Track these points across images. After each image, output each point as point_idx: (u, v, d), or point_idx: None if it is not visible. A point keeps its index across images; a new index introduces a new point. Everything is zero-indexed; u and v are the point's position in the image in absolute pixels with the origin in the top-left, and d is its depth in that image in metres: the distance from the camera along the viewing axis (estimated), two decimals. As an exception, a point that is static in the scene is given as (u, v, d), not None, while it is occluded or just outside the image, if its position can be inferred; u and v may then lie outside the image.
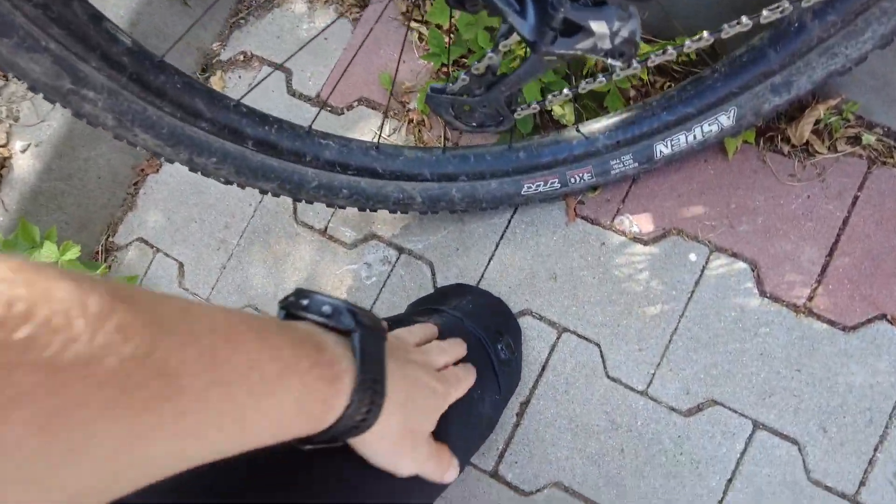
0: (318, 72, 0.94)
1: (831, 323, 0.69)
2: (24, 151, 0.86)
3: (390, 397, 0.39)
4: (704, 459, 0.69)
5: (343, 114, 0.91)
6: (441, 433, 0.49)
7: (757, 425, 0.69)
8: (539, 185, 0.73)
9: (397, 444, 0.41)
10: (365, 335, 0.38)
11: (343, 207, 0.73)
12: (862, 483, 0.66)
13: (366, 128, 0.89)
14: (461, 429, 0.56)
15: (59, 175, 0.88)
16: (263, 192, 0.68)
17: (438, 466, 0.46)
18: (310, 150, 0.66)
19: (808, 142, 0.73)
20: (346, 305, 0.39)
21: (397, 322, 0.58)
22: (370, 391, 0.37)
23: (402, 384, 0.41)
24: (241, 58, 0.98)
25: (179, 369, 0.24)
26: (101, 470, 0.22)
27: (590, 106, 0.77)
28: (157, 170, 0.97)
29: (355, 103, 0.91)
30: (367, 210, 0.74)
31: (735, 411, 0.70)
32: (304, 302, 0.39)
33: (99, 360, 0.20)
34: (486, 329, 0.67)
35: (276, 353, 0.31)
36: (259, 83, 0.77)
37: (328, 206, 0.72)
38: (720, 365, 0.71)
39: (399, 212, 0.75)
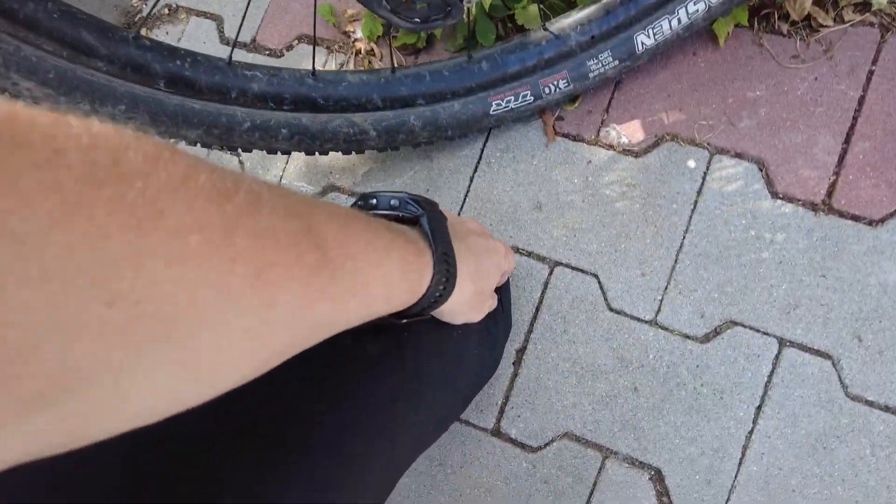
0: (252, 14, 0.83)
1: (855, 218, 0.61)
2: None
3: (460, 267, 0.43)
4: (728, 388, 0.62)
5: (283, 55, 0.81)
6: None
7: (783, 343, 0.61)
8: (509, 101, 0.64)
9: (471, 303, 0.48)
10: (431, 217, 0.42)
11: (286, 152, 0.64)
12: (907, 391, 0.58)
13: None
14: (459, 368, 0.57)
15: None
16: (189, 142, 0.58)
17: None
18: (233, 85, 0.57)
19: (809, 15, 0.64)
20: (408, 195, 0.44)
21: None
22: (444, 264, 0.41)
23: (466, 254, 0.45)
24: (167, 11, 0.88)
25: (328, 241, 0.27)
26: (282, 334, 0.25)
27: (557, 5, 0.67)
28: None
29: (295, 42, 0.81)
30: (316, 152, 0.64)
31: (757, 330, 0.62)
32: (373, 201, 0.45)
33: (278, 231, 0.23)
34: None
35: (380, 232, 0.34)
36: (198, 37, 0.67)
37: (268, 151, 0.63)
38: (735, 281, 0.63)
39: (353, 151, 0.66)
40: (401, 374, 0.45)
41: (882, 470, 0.58)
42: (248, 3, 0.62)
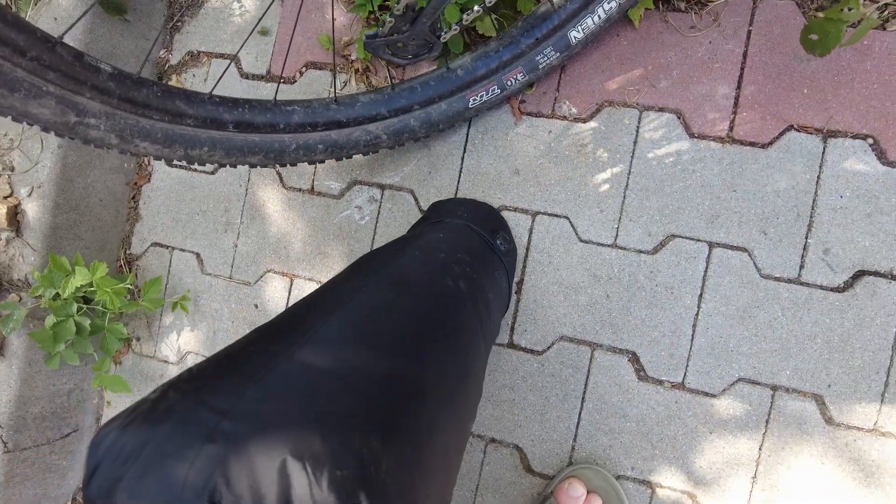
0: (263, 50, 1.02)
1: (752, 144, 0.82)
2: (29, 196, 0.95)
3: None
4: (676, 285, 0.84)
5: (296, 81, 1.00)
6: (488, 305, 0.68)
7: (711, 245, 0.83)
8: (482, 95, 0.84)
9: None
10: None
11: (322, 161, 0.84)
12: (801, 266, 0.80)
13: (319, 88, 0.98)
14: (497, 302, 0.74)
15: (67, 207, 0.98)
16: (252, 165, 0.79)
17: None
18: (281, 119, 0.77)
19: (700, -6, 0.83)
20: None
21: (412, 238, 0.72)
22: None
23: None
24: (189, 58, 1.06)
25: None
26: None
27: (507, 14, 0.86)
28: (149, 179, 1.07)
29: (304, 69, 1.00)
30: (344, 158, 0.85)
31: (691, 238, 0.83)
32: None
33: None
34: (485, 229, 0.80)
35: None
36: (219, 78, 0.86)
37: (309, 163, 0.83)
38: (670, 205, 0.84)
39: (370, 152, 0.86)
40: (479, 314, 0.66)
41: (790, 325, 0.80)
42: (249, 35, 0.81)
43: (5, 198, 0.96)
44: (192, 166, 1.05)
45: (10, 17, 0.53)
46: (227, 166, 0.77)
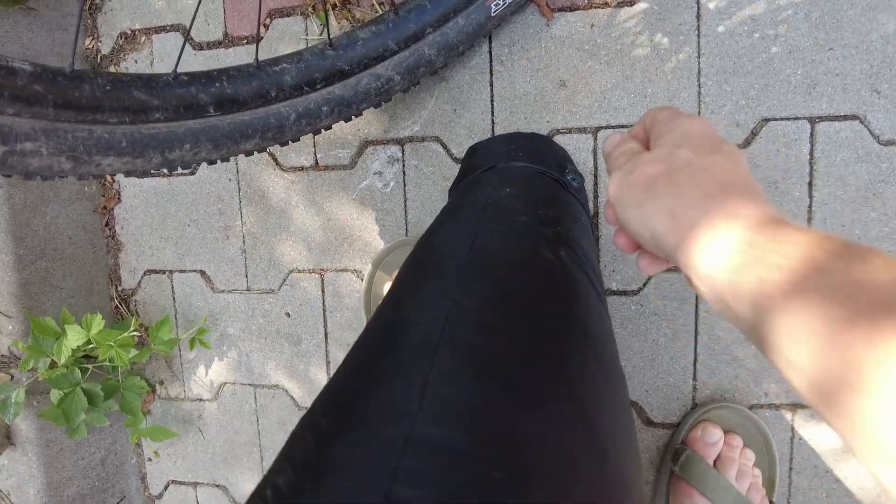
0: (212, 10, 0.81)
1: (845, -16, 0.65)
2: (-19, 251, 0.77)
3: None
4: (780, 177, 0.69)
5: (263, 37, 0.80)
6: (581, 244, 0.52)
7: (814, 121, 0.68)
8: (503, -2, 0.66)
9: None
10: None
11: (329, 127, 0.66)
12: (928, 118, 0.66)
13: (293, 38, 0.78)
14: (594, 253, 0.58)
15: (32, 257, 0.79)
16: (248, 153, 0.61)
17: None
18: (270, 84, 0.58)
19: None
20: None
21: (470, 204, 0.55)
22: None
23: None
24: (123, 41, 0.85)
25: None
26: None
27: None
28: (118, 199, 0.88)
29: (268, 20, 0.80)
30: (353, 116, 0.67)
31: (788, 118, 0.68)
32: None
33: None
34: (550, 166, 0.64)
35: None
36: (179, 56, 0.67)
37: (315, 133, 0.65)
38: (755, 84, 0.68)
39: (383, 102, 0.68)
40: (592, 282, 0.49)
41: (924, 191, 0.66)
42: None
43: (-47, 263, 0.77)
44: (172, 173, 0.86)
45: None
46: (218, 161, 0.60)
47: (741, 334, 0.72)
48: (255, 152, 0.61)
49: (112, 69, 0.85)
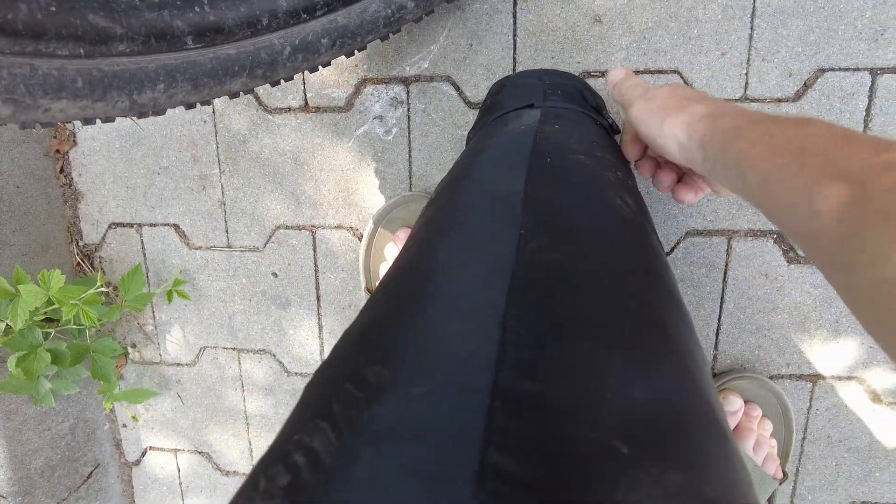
0: None
1: (930, -89, 0.56)
2: None
3: None
4: (829, 134, 0.62)
5: (240, -50, 0.66)
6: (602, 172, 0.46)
7: (875, 72, 0.60)
8: (541, -86, 0.54)
9: None
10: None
11: (328, 63, 0.55)
12: None
13: (279, -46, 0.65)
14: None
15: (-30, 205, 0.67)
16: (234, 94, 0.50)
17: None
18: (261, 10, 0.47)
19: None
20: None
21: (518, 133, 0.47)
22: None
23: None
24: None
25: None
26: None
27: None
28: (74, 142, 0.75)
29: (246, -72, 0.65)
30: (357, 50, 0.56)
31: (847, 69, 0.60)
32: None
33: None
34: (592, 111, 0.55)
35: None
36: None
37: (311, 71, 0.54)
38: (816, 27, 0.60)
39: (392, 34, 0.57)
40: (656, 234, 0.44)
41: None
42: None
43: None
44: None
45: None
46: (197, 105, 0.49)
47: (767, 303, 0.67)
48: (240, 93, 0.50)
49: (54, -20, 0.70)
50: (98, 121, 0.44)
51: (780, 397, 0.68)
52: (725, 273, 0.67)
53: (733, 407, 0.67)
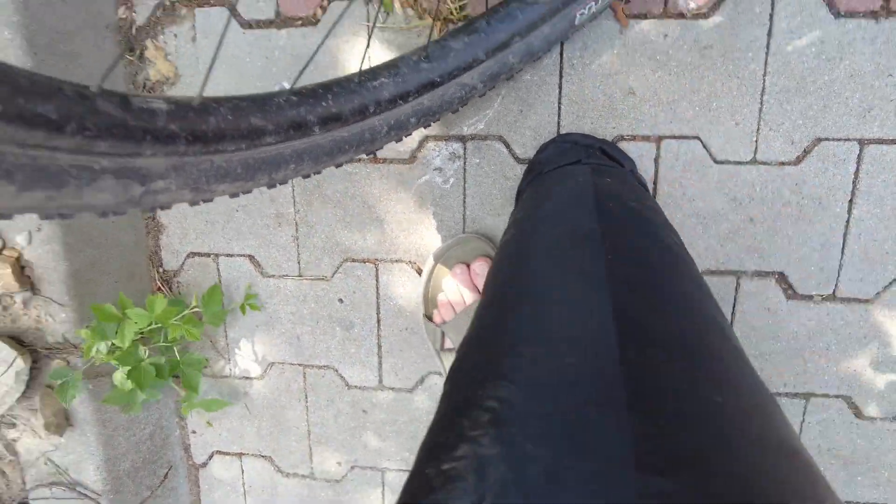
0: (262, -16, 0.75)
1: (911, 13, 0.67)
2: (30, 243, 0.73)
3: None
4: (824, 194, 0.73)
5: (319, 21, 0.75)
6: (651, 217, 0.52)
7: (863, 143, 0.71)
8: (590, 6, 0.64)
9: None
10: None
11: (410, 135, 0.65)
12: (964, 146, 0.70)
13: (353, 24, 0.74)
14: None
15: (81, 245, 0.76)
16: (339, 165, 0.59)
17: None
18: (369, 100, 0.56)
19: None
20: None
21: (579, 195, 0.55)
22: None
23: None
24: (161, 13, 0.78)
25: None
26: None
27: None
28: (159, 179, 0.84)
29: (324, 2, 0.75)
30: (432, 123, 0.66)
31: (840, 139, 0.71)
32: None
33: None
34: (618, 163, 0.66)
35: None
36: (221, 38, 0.63)
37: (398, 141, 0.64)
38: (815, 104, 0.70)
39: (461, 107, 0.67)
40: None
41: (950, 212, 0.72)
42: None
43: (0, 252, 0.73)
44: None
45: (25, 80, 0.32)
46: (312, 175, 0.58)
47: (768, 333, 0.78)
48: (345, 164, 0.60)
49: (149, 44, 0.79)
50: (239, 195, 0.53)
51: (777, 412, 0.79)
52: (734, 307, 0.78)
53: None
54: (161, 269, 0.87)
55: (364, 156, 0.61)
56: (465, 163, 0.77)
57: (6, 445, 0.83)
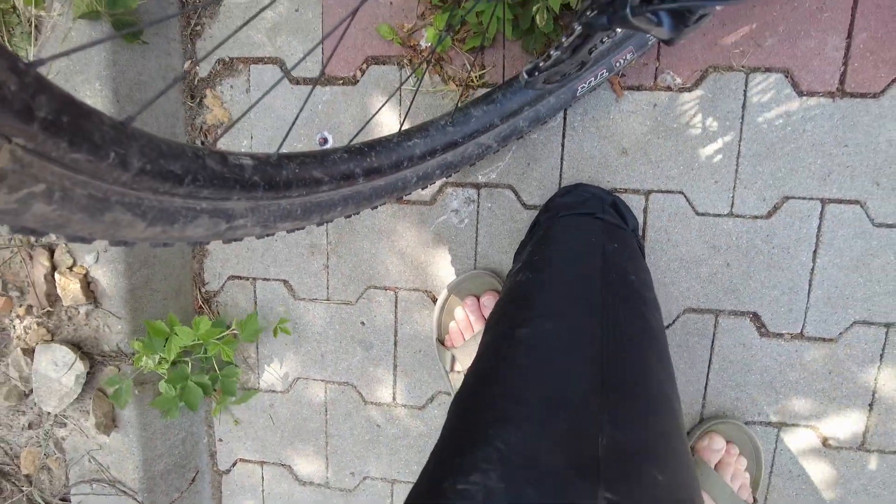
0: (309, 48, 0.87)
1: (863, 96, 0.78)
2: (96, 262, 0.83)
3: None
4: (792, 244, 0.83)
5: (358, 81, 0.87)
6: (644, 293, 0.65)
7: (824, 202, 0.82)
8: (590, 82, 0.76)
9: None
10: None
11: (433, 184, 0.76)
12: (912, 208, 0.81)
13: (387, 85, 0.86)
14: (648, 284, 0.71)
15: (138, 265, 0.86)
16: (373, 208, 0.70)
17: None
18: (404, 156, 0.67)
19: (808, -64, 0.75)
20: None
21: (585, 254, 0.67)
22: None
23: None
24: (221, 67, 0.90)
25: None
26: None
27: None
28: (208, 210, 0.94)
29: (364, 65, 0.87)
30: (452, 175, 0.76)
31: (804, 198, 0.82)
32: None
33: None
34: (634, 228, 0.77)
35: None
36: (304, 101, 0.74)
37: (423, 189, 0.75)
38: (782, 167, 0.81)
39: (477, 162, 0.78)
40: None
41: (901, 265, 0.82)
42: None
43: (70, 268, 0.83)
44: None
45: (165, 146, 0.42)
46: (350, 216, 0.69)
47: (743, 366, 0.87)
48: (377, 207, 0.71)
49: (208, 93, 0.91)
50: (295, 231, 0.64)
51: (752, 439, 0.88)
52: (713, 342, 0.87)
53: (717, 446, 0.86)
54: (203, 289, 0.98)
55: (393, 201, 0.72)
56: (478, 206, 0.88)
57: (55, 443, 0.92)
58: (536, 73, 0.60)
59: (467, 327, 0.85)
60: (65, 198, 0.37)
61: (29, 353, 0.86)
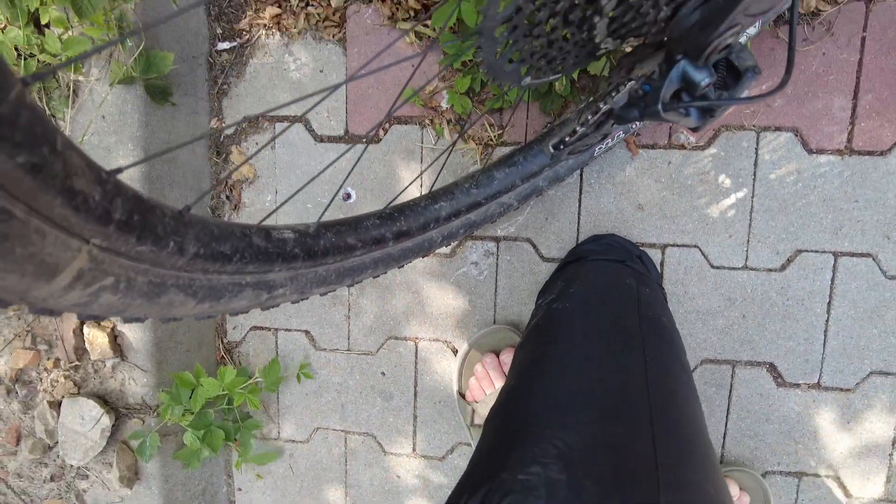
0: (334, 107, 0.91)
1: (870, 153, 0.81)
2: (126, 314, 0.85)
3: None
4: (806, 296, 0.85)
5: (381, 140, 0.90)
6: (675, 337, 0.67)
7: (837, 255, 0.83)
8: (607, 143, 0.78)
9: None
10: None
11: (457, 241, 0.77)
12: (922, 261, 0.82)
13: (409, 144, 0.89)
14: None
15: (161, 314, 0.88)
16: (401, 267, 0.72)
17: None
18: (431, 218, 0.69)
19: (816, 8, 0.78)
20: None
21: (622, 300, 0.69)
22: None
23: None
24: (246, 124, 0.93)
25: None
26: None
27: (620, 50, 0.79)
28: (232, 262, 0.96)
29: (387, 125, 0.90)
30: (475, 232, 0.78)
31: (817, 251, 0.84)
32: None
33: None
34: (658, 280, 0.79)
35: None
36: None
37: (447, 247, 0.77)
38: (795, 222, 0.83)
39: (498, 219, 0.80)
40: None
41: (915, 317, 0.83)
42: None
43: (98, 322, 0.85)
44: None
45: (216, 229, 0.44)
46: (379, 276, 0.70)
47: (761, 416, 0.88)
48: (404, 266, 0.72)
49: (234, 150, 0.93)
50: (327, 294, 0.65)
51: (766, 492, 0.88)
52: (730, 392, 0.88)
53: (731, 492, 0.86)
54: (225, 340, 0.99)
55: (418, 260, 0.73)
56: (497, 259, 0.90)
57: (76, 495, 0.92)
58: (562, 147, 0.63)
59: (488, 383, 0.85)
60: (128, 287, 0.38)
61: (55, 406, 0.87)
